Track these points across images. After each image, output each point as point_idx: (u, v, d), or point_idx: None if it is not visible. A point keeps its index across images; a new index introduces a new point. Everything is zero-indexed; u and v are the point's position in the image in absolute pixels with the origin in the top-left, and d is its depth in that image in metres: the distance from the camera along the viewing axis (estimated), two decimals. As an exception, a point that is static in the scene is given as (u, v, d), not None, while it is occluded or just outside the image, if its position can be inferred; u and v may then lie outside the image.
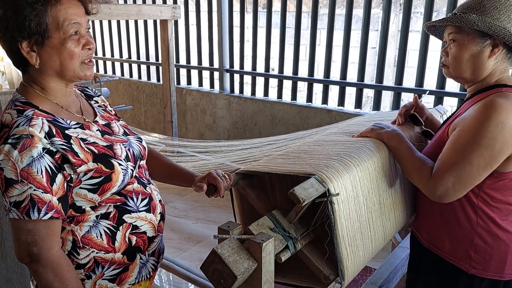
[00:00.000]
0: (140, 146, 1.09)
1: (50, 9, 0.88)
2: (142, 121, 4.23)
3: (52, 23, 0.89)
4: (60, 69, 0.92)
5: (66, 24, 0.89)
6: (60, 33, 0.89)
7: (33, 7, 0.86)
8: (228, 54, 3.49)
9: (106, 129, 1.03)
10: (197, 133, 3.81)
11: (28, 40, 0.88)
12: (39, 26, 0.87)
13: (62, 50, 0.90)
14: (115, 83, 4.19)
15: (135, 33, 4.10)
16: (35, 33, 0.88)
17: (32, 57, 0.90)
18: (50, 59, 0.91)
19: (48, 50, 0.90)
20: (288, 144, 1.94)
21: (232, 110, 3.49)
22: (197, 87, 3.77)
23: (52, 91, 0.96)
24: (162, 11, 2.73)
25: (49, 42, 0.89)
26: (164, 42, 2.91)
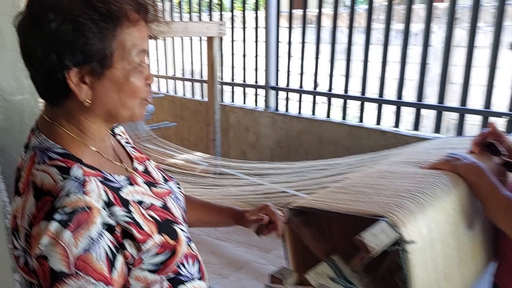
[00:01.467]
0: (182, 195, 0.91)
1: (119, 31, 0.67)
2: (185, 138, 4.22)
3: (118, 49, 0.68)
4: (115, 109, 0.72)
5: (135, 52, 0.69)
6: (125, 62, 0.69)
7: (99, 26, 0.65)
8: (274, 71, 3.41)
9: (148, 177, 0.84)
10: (239, 151, 3.73)
11: (81, 68, 0.67)
12: (101, 52, 0.66)
13: (124, 85, 0.70)
14: (160, 100, 4.22)
15: (181, 50, 4.11)
16: (94, 60, 0.67)
17: (81, 91, 0.68)
18: (105, 95, 0.70)
19: (106, 83, 0.69)
20: (341, 169, 1.80)
21: (277, 129, 3.39)
22: (241, 105, 3.70)
23: (91, 134, 0.74)
24: (208, 28, 2.69)
25: (109, 73, 0.69)
26: (210, 59, 2.87)
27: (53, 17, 0.64)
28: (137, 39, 0.70)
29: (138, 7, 0.70)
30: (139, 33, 0.70)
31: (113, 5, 0.66)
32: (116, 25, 0.67)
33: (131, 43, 0.69)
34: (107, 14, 0.66)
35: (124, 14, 0.67)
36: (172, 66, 4.28)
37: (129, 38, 0.69)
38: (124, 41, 0.68)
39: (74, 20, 0.64)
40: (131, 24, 0.69)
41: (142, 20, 0.71)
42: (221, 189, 2.63)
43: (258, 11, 3.43)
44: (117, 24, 0.67)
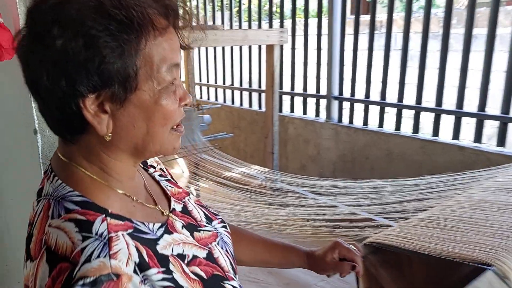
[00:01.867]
0: (229, 236, 0.76)
1: (144, 43, 0.53)
2: (241, 149, 4.15)
3: (144, 66, 0.54)
4: (142, 142, 0.58)
5: (165, 68, 0.56)
6: (154, 82, 0.55)
7: (117, 39, 0.51)
8: (337, 80, 3.24)
9: (189, 219, 0.70)
10: (298, 164, 3.59)
11: (98, 94, 0.53)
12: (123, 72, 0.53)
13: (154, 110, 0.56)
14: (217, 110, 4.19)
15: (239, 59, 4.07)
16: (115, 83, 0.53)
17: (101, 123, 0.54)
18: (131, 125, 0.56)
19: (131, 111, 0.55)
20: (418, 191, 1.60)
21: (340, 141, 3.20)
22: (300, 115, 3.56)
23: (117, 173, 0.60)
24: (269, 35, 2.59)
25: (134, 98, 0.55)
26: (269, 68, 2.78)
27: (59, 33, 0.50)
28: (167, 51, 0.56)
29: (165, 10, 0.56)
30: (169, 44, 0.56)
31: (134, 10, 0.52)
32: (139, 35, 0.53)
33: (159, 57, 0.55)
34: (126, 22, 0.52)
35: (149, 20, 0.54)
36: (230, 75, 4.24)
37: (157, 51, 0.55)
38: (151, 55, 0.55)
39: (85, 34, 0.50)
40: (158, 33, 0.55)
41: (171, 27, 0.57)
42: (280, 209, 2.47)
43: (322, 17, 3.29)
44: (140, 34, 0.53)
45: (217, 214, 0.79)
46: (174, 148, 0.62)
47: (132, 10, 0.52)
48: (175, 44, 0.58)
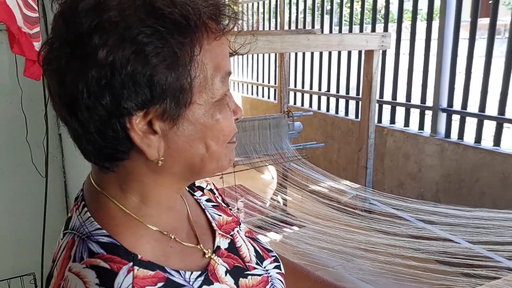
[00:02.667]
0: (282, 278, 0.67)
1: (198, 49, 0.47)
2: (334, 160, 3.99)
3: (199, 75, 0.47)
4: (200, 163, 0.52)
5: (220, 78, 0.49)
6: (208, 94, 0.49)
7: (171, 44, 0.44)
8: (447, 90, 2.93)
9: (235, 260, 0.61)
10: (395, 181, 3.32)
11: (147, 111, 0.46)
12: (177, 83, 0.46)
13: (210, 126, 0.50)
14: (310, 117, 4.08)
15: (337, 64, 3.92)
16: (167, 97, 0.46)
17: (151, 145, 0.48)
18: (186, 145, 0.50)
19: (186, 128, 0.49)
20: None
21: (445, 159, 2.89)
22: (401, 128, 3.30)
23: (156, 203, 0.53)
24: (368, 40, 2.43)
25: (189, 113, 0.48)
26: (367, 75, 2.60)
27: (101, 42, 0.43)
28: (220, 58, 0.49)
29: (217, 12, 0.49)
30: (222, 50, 0.50)
31: (189, 7, 0.45)
32: (195, 39, 0.46)
33: (213, 65, 0.48)
34: (182, 22, 0.44)
35: (204, 22, 0.47)
36: (326, 81, 4.10)
37: (210, 58, 0.48)
38: (205, 63, 0.47)
39: (133, 40, 0.43)
40: (213, 36, 0.48)
41: (222, 31, 0.50)
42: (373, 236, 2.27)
43: (432, 20, 3.01)
44: (196, 37, 0.46)
45: (270, 250, 0.68)
46: (230, 160, 0.55)
47: (188, 7, 0.45)
48: (226, 50, 0.52)
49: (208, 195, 0.69)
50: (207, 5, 0.48)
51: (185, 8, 0.45)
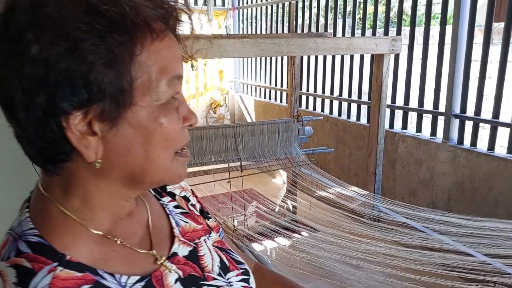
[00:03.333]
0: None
1: (140, 49, 0.46)
2: (345, 165, 3.95)
3: (141, 76, 0.47)
4: (140, 169, 0.50)
5: (166, 81, 0.49)
6: (153, 97, 0.48)
7: (108, 42, 0.44)
8: (460, 95, 2.88)
9: (193, 268, 0.59)
10: (407, 188, 3.28)
11: (86, 111, 0.45)
12: (116, 83, 0.45)
13: (153, 130, 0.49)
14: (321, 122, 4.07)
15: (349, 68, 3.89)
16: (106, 97, 0.45)
17: (88, 147, 0.47)
18: (125, 149, 0.48)
19: (126, 131, 0.48)
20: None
21: (458, 167, 2.84)
22: (413, 133, 3.25)
23: (102, 208, 0.52)
24: (377, 44, 2.41)
25: (130, 115, 0.47)
26: (377, 79, 2.58)
27: (34, 37, 0.42)
28: (168, 60, 0.49)
29: (164, 13, 0.48)
30: (170, 52, 0.49)
31: (127, 6, 0.44)
32: (133, 37, 0.45)
33: (159, 67, 0.48)
34: (118, 20, 0.44)
35: (145, 21, 0.46)
36: (338, 85, 4.08)
37: (155, 59, 0.47)
38: (148, 63, 0.47)
39: (67, 37, 0.42)
40: (156, 36, 0.47)
41: (171, 32, 0.50)
42: (380, 245, 2.23)
43: (446, 24, 2.96)
44: (135, 36, 0.45)
45: (241, 263, 0.66)
46: (179, 176, 0.54)
47: (126, 6, 0.44)
48: (176, 53, 0.51)
49: (179, 201, 0.68)
50: (153, 6, 0.47)
51: (122, 7, 0.44)
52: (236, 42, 2.04)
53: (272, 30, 5.06)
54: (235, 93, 5.97)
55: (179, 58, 0.52)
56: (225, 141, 2.78)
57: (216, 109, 5.85)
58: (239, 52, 2.05)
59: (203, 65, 5.64)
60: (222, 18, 5.71)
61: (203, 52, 0.58)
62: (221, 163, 2.82)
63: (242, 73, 5.93)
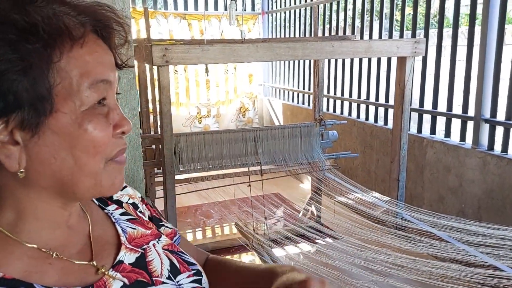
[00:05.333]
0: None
1: (58, 56, 0.47)
2: (372, 171, 3.89)
3: (60, 83, 0.47)
4: (69, 177, 0.50)
5: (87, 85, 0.49)
6: (75, 102, 0.48)
7: (18, 50, 0.44)
8: (490, 99, 2.77)
9: (139, 274, 0.59)
10: (436, 195, 3.18)
11: (5, 120, 0.46)
12: (34, 90, 0.46)
13: (78, 136, 0.49)
14: (349, 126, 4.02)
15: (376, 71, 3.83)
16: (24, 105, 0.46)
17: (10, 157, 0.47)
18: (51, 157, 0.48)
19: (50, 138, 0.48)
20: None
21: (488, 174, 2.73)
22: (442, 138, 3.16)
23: (36, 218, 0.52)
24: (399, 46, 2.37)
25: (52, 122, 0.48)
26: (400, 83, 2.53)
27: None
28: (91, 65, 0.49)
29: (84, 17, 0.49)
30: (94, 57, 0.50)
31: (39, 16, 0.46)
32: (49, 45, 0.46)
33: (80, 71, 0.48)
34: (29, 29, 0.45)
35: (62, 28, 0.47)
36: (365, 89, 4.02)
37: (76, 64, 0.48)
38: (68, 69, 0.47)
39: None
40: (76, 43, 0.48)
41: (97, 38, 0.51)
42: (405, 257, 2.17)
43: (474, 25, 2.87)
44: (51, 43, 0.46)
45: (193, 264, 0.67)
46: (112, 184, 0.53)
47: (37, 15, 0.46)
48: (102, 58, 0.51)
49: (126, 208, 0.69)
50: (74, 14, 0.49)
51: (33, 16, 0.45)
52: (250, 46, 2.06)
53: (301, 34, 5.06)
54: (264, 96, 6.00)
55: (106, 63, 0.52)
56: (245, 145, 2.80)
57: (245, 113, 5.90)
58: (253, 57, 2.07)
59: (233, 69, 5.70)
60: (251, 23, 5.77)
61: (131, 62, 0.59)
62: (240, 167, 2.84)
63: (271, 77, 5.95)
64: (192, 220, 3.84)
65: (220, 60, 2.04)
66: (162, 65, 1.94)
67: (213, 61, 2.04)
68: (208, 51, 1.98)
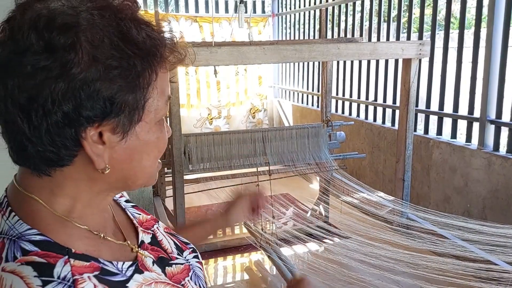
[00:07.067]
0: (201, 266, 0.74)
1: (155, 78, 0.54)
2: (380, 171, 3.93)
3: (151, 97, 0.54)
4: (134, 175, 0.58)
5: (164, 101, 0.57)
6: (154, 115, 0.56)
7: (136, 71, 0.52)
8: (495, 100, 2.80)
9: (159, 252, 0.67)
10: (441, 195, 3.21)
11: (102, 123, 0.51)
12: (135, 102, 0.52)
13: (152, 143, 0.57)
14: (357, 126, 4.07)
15: (384, 73, 3.88)
16: (123, 113, 0.52)
17: (100, 155, 0.53)
18: (128, 158, 0.56)
19: (131, 142, 0.55)
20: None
21: (493, 174, 2.76)
22: (448, 139, 3.19)
23: (89, 206, 0.58)
24: (404, 48, 2.42)
25: (137, 129, 0.55)
26: (405, 84, 2.58)
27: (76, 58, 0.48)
28: (166, 84, 0.57)
29: (174, 46, 0.56)
30: (167, 77, 0.58)
31: (158, 40, 0.53)
32: (154, 63, 0.53)
33: (161, 90, 0.56)
34: (151, 50, 0.52)
35: (160, 49, 0.54)
36: (373, 90, 4.07)
37: (161, 83, 0.55)
38: (157, 87, 0.55)
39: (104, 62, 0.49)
40: (168, 66, 0.56)
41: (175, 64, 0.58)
42: (410, 255, 2.21)
43: (480, 27, 2.90)
44: (155, 61, 0.53)
45: (187, 243, 0.76)
46: (154, 180, 0.62)
47: (157, 39, 0.53)
48: (168, 77, 0.59)
49: (126, 196, 0.77)
50: (168, 40, 0.56)
51: (156, 39, 0.53)
52: (258, 49, 2.13)
53: (310, 36, 5.12)
54: (273, 98, 6.07)
55: (169, 82, 0.60)
56: (254, 145, 2.87)
57: (254, 114, 5.97)
58: (260, 59, 2.14)
59: (244, 71, 5.78)
60: (262, 25, 5.84)
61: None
62: (249, 167, 2.91)
63: (281, 79, 6.02)
64: (202, 219, 3.91)
65: (228, 62, 2.11)
66: (172, 68, 2.01)
67: (221, 63, 2.11)
68: (216, 53, 2.06)
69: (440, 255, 2.26)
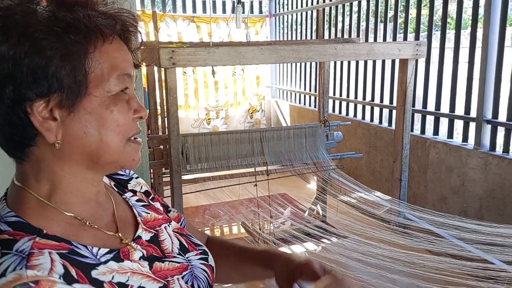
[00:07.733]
0: (207, 269, 0.74)
1: (92, 49, 0.57)
2: (376, 170, 3.94)
3: (93, 71, 0.57)
4: (96, 150, 0.59)
5: (116, 76, 0.59)
6: (105, 89, 0.58)
7: (65, 41, 0.54)
8: (491, 100, 2.81)
9: (154, 249, 0.69)
10: (438, 195, 3.22)
11: (48, 99, 0.55)
12: (73, 76, 0.55)
13: (106, 117, 0.58)
14: (354, 126, 4.08)
15: (381, 73, 3.89)
16: (64, 88, 0.55)
17: (50, 130, 0.56)
18: (82, 131, 0.57)
19: (82, 116, 0.57)
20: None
21: (489, 174, 2.77)
22: (444, 139, 3.21)
23: (70, 192, 0.61)
24: (400, 49, 2.43)
25: (85, 103, 0.57)
26: (402, 84, 2.59)
27: (3, 39, 0.53)
28: (118, 60, 0.59)
29: (112, 22, 0.59)
30: (120, 54, 0.60)
31: (81, 14, 0.56)
32: (87, 38, 0.56)
33: (109, 64, 0.58)
34: (73, 23, 0.55)
35: (96, 27, 0.57)
36: (370, 90, 4.08)
37: (106, 57, 0.58)
38: (100, 61, 0.57)
39: (30, 37, 0.53)
40: (106, 40, 0.58)
41: (120, 39, 0.61)
42: (407, 253, 2.22)
43: (477, 27, 2.91)
44: (88, 37, 0.56)
45: (199, 245, 0.77)
46: (133, 160, 0.63)
47: (79, 13, 0.56)
48: (126, 55, 0.62)
49: (140, 196, 0.79)
50: (104, 17, 0.59)
51: (77, 14, 0.56)
52: (255, 49, 2.13)
53: (307, 36, 5.12)
54: (271, 98, 6.07)
55: (128, 60, 0.62)
56: (251, 145, 2.87)
57: (252, 115, 5.97)
58: (258, 59, 2.14)
59: (241, 71, 5.78)
60: (259, 25, 5.84)
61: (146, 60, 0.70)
62: (247, 167, 2.91)
63: (278, 79, 6.02)
64: (200, 220, 3.92)
65: (226, 62, 2.12)
66: (169, 67, 2.01)
67: (219, 63, 2.11)
68: (214, 53, 2.06)
69: (436, 254, 2.27)
